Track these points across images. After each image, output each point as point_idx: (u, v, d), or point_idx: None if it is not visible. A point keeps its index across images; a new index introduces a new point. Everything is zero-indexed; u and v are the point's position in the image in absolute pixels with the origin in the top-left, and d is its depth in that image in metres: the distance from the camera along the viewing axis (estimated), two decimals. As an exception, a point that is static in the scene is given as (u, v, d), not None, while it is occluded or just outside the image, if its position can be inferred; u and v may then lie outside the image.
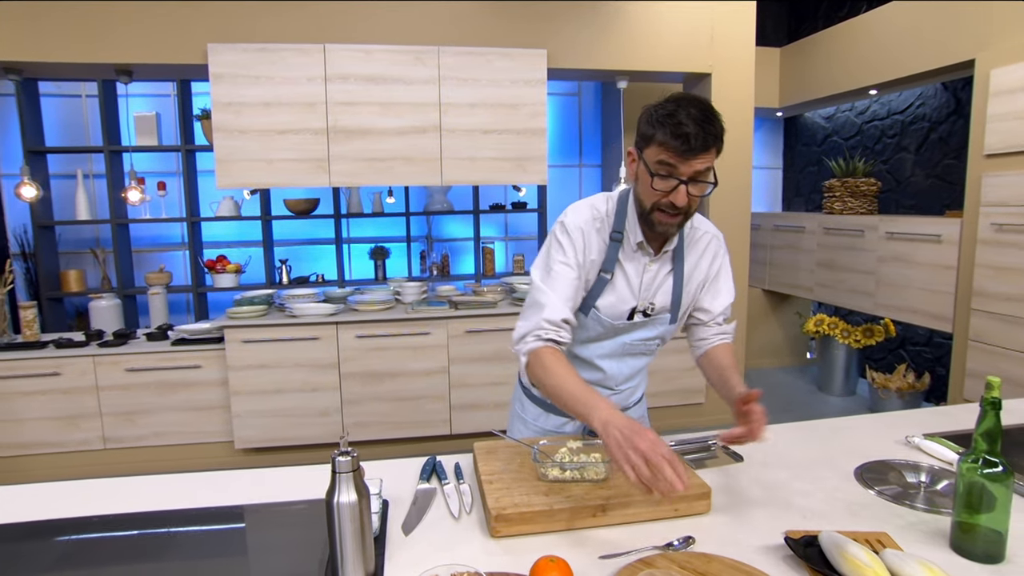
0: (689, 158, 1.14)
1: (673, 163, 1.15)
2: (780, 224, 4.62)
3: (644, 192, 1.23)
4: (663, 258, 1.35)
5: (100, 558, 1.10)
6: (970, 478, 0.99)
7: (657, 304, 1.37)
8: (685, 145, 1.12)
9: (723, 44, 3.56)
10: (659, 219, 1.22)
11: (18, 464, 3.18)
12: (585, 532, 1.10)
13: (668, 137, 1.13)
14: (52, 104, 4.26)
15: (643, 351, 1.44)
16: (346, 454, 0.98)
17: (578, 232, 1.31)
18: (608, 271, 1.32)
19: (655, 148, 1.17)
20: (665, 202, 1.19)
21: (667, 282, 1.37)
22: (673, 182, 1.16)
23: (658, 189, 1.18)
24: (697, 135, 1.12)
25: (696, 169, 1.16)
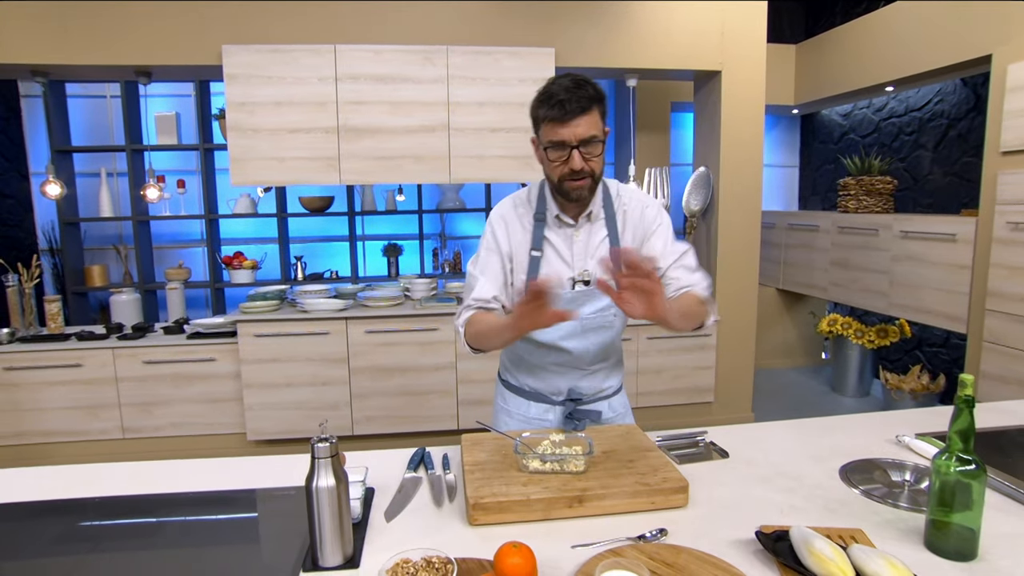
0: (568, 123, 1.25)
1: (560, 136, 1.27)
2: (794, 223, 4.57)
3: (549, 170, 1.35)
4: (589, 227, 1.44)
5: (95, 538, 1.16)
6: (944, 476, 1.00)
7: (593, 271, 1.44)
8: (561, 111, 1.24)
9: (733, 41, 3.53)
10: (570, 187, 1.33)
11: (41, 451, 3.30)
12: (562, 522, 1.13)
13: (547, 110, 1.27)
14: (79, 105, 4.41)
15: (601, 324, 1.46)
16: (325, 440, 1.02)
17: (500, 221, 1.46)
18: (537, 248, 1.43)
19: (543, 127, 1.30)
20: (566, 171, 1.30)
21: (602, 247, 1.44)
22: (565, 150, 1.28)
23: (555, 161, 1.30)
24: (569, 100, 1.24)
25: (579, 133, 1.26)
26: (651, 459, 1.27)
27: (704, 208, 3.80)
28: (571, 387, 1.51)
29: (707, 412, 3.83)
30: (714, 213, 3.74)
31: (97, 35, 3.13)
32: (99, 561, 1.08)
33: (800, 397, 4.40)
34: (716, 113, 3.63)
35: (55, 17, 3.10)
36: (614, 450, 1.33)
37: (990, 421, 1.63)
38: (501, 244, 1.45)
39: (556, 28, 3.41)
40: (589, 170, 1.31)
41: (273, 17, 3.21)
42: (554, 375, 1.50)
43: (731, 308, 3.76)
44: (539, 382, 1.53)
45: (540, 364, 1.51)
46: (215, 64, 3.18)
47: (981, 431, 1.54)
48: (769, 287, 4.98)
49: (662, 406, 3.76)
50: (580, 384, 1.51)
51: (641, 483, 1.17)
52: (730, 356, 3.78)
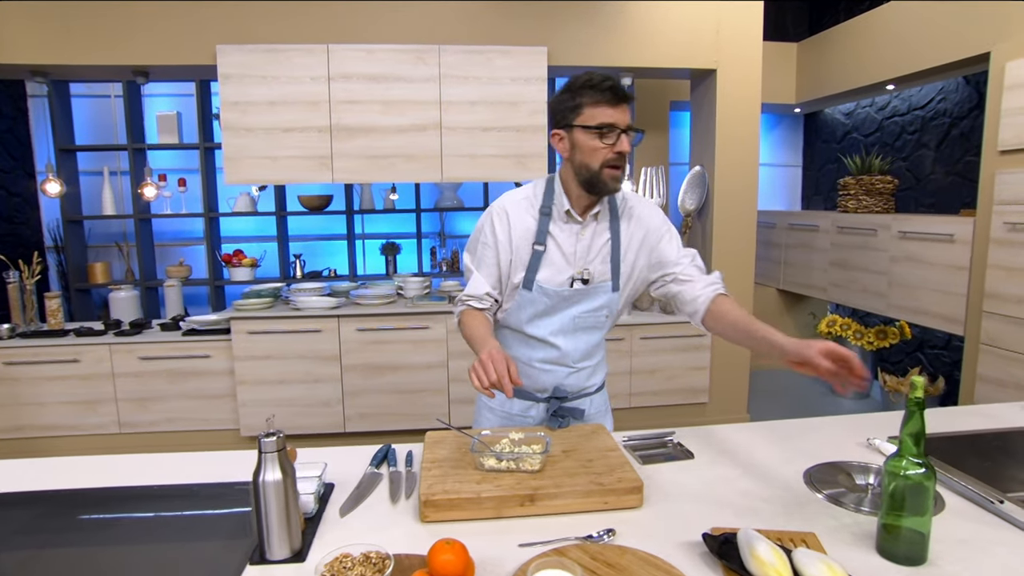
0: (619, 107, 1.31)
1: (611, 118, 1.30)
2: (794, 223, 4.53)
3: (590, 156, 1.34)
4: (595, 227, 1.45)
5: (55, 530, 1.18)
6: (895, 479, 0.99)
7: (594, 271, 1.45)
8: (614, 95, 1.30)
9: (729, 40, 3.50)
10: (608, 175, 1.35)
11: (39, 445, 3.35)
12: (513, 521, 1.13)
13: (599, 95, 1.30)
14: (83, 104, 4.47)
15: (592, 324, 1.49)
16: (271, 435, 1.03)
17: (501, 213, 1.46)
18: (541, 243, 1.43)
19: (590, 111, 1.31)
20: (611, 156, 1.32)
21: (604, 250, 1.46)
22: (615, 132, 1.31)
23: (606, 143, 1.31)
24: (620, 87, 1.32)
25: (627, 119, 1.32)
26: (610, 459, 1.27)
27: (699, 208, 3.78)
28: (557, 385, 1.51)
29: (701, 413, 3.81)
30: (709, 213, 3.71)
31: (96, 36, 3.17)
32: (55, 555, 1.09)
33: (798, 399, 4.36)
34: (711, 112, 3.60)
35: (55, 18, 3.15)
36: (575, 449, 1.32)
37: (972, 424, 1.60)
38: (499, 237, 1.45)
39: (549, 27, 3.40)
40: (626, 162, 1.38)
41: (267, 17, 3.24)
42: (540, 372, 1.50)
43: (726, 308, 3.73)
44: (524, 379, 1.51)
45: (527, 361, 1.50)
46: (210, 64, 3.21)
47: (959, 434, 1.53)
48: (769, 287, 4.93)
49: (656, 406, 3.75)
50: (566, 382, 1.51)
51: (595, 483, 1.16)
52: (725, 356, 3.75)
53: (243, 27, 3.22)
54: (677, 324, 3.67)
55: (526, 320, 1.48)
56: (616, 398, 3.69)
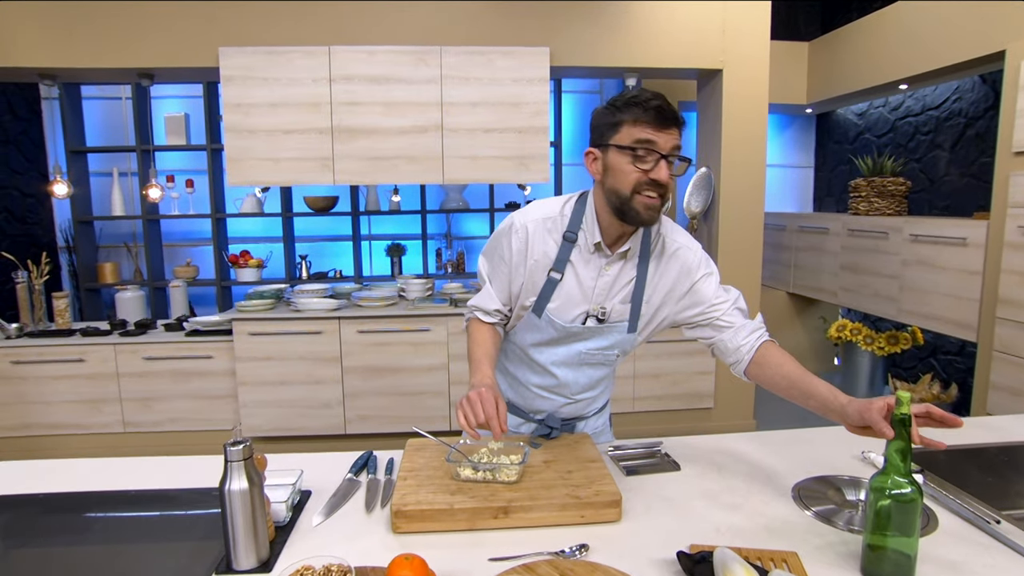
0: (666, 130, 1.15)
1: (652, 138, 1.15)
2: (804, 225, 4.44)
3: (621, 180, 1.19)
4: (622, 263, 1.31)
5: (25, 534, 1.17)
6: (880, 497, 0.95)
7: (610, 310, 1.33)
8: (661, 117, 1.14)
9: (735, 39, 3.44)
10: (642, 202, 1.19)
11: (46, 443, 3.39)
12: (486, 533, 1.10)
13: (642, 114, 1.15)
14: (95, 106, 4.53)
15: (600, 361, 1.39)
16: (237, 443, 1.01)
17: (523, 230, 1.32)
18: (559, 271, 1.30)
19: (628, 129, 1.17)
20: (647, 181, 1.17)
21: (627, 289, 1.32)
22: (654, 157, 1.16)
23: (640, 168, 1.17)
24: (668, 108, 1.15)
25: (672, 144, 1.17)
26: (591, 470, 1.24)
27: (705, 210, 3.72)
28: (552, 412, 1.44)
29: (706, 418, 3.75)
30: (715, 215, 3.66)
31: (101, 39, 3.20)
32: (28, 555, 1.09)
33: (808, 404, 4.27)
34: (718, 113, 3.54)
35: (62, 22, 3.18)
36: (556, 460, 1.29)
37: (975, 437, 1.54)
38: (515, 258, 1.33)
39: (551, 27, 3.37)
40: (666, 193, 1.19)
41: (269, 19, 3.24)
42: (536, 397, 1.43)
43: (732, 312, 3.67)
44: (521, 400, 1.47)
45: (524, 383, 1.43)
46: (213, 66, 3.23)
47: (962, 447, 1.47)
48: (779, 291, 4.85)
49: (659, 411, 3.70)
50: (562, 411, 1.44)
51: (571, 496, 1.13)
52: (731, 361, 3.69)
53: (245, 29, 3.23)
54: (682, 328, 3.62)
55: (530, 344, 1.38)
56: (619, 402, 3.64)
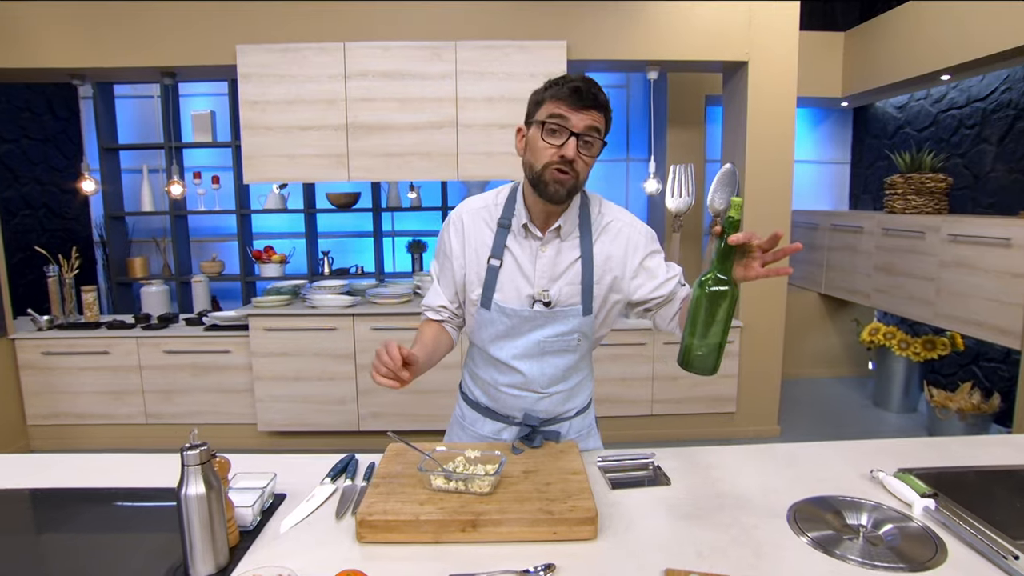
0: (579, 110, 1.18)
1: (566, 115, 1.18)
2: (837, 223, 4.25)
3: (535, 154, 1.23)
4: (558, 244, 1.32)
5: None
6: (698, 291, 1.02)
7: (557, 294, 1.32)
8: (576, 96, 1.17)
9: (762, 30, 3.30)
10: (551, 177, 1.21)
11: (73, 432, 3.50)
12: (453, 547, 1.06)
13: (559, 91, 1.19)
14: (128, 105, 4.65)
15: (562, 348, 1.34)
16: (195, 447, 0.99)
17: (457, 223, 1.37)
18: (497, 257, 1.32)
19: (547, 106, 1.21)
20: (556, 157, 1.20)
21: (572, 270, 1.32)
22: (564, 134, 1.19)
23: (549, 142, 1.20)
24: (586, 90, 1.18)
25: (586, 123, 1.19)
26: (570, 483, 1.18)
27: (729, 207, 3.59)
28: (527, 410, 1.39)
29: (728, 423, 3.63)
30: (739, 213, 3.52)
31: (125, 39, 3.27)
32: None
33: (837, 410, 4.10)
34: (742, 107, 3.41)
35: (89, 23, 3.26)
36: (536, 470, 1.24)
37: (1009, 458, 1.42)
38: (454, 249, 1.37)
39: (568, 20, 3.29)
40: (577, 168, 1.21)
41: (285, 17, 3.25)
42: (508, 396, 1.39)
43: (756, 312, 3.54)
44: (493, 402, 1.43)
45: (494, 384, 1.40)
46: (231, 64, 3.26)
47: (990, 469, 1.35)
48: (811, 291, 4.66)
49: (679, 415, 3.59)
50: (536, 407, 1.39)
51: (544, 511, 1.07)
52: (754, 364, 3.56)
53: (262, 27, 3.25)
54: (703, 329, 3.50)
55: (488, 340, 1.36)
56: (637, 404, 3.56)
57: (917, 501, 1.17)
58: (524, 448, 1.34)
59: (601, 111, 1.20)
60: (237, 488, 1.20)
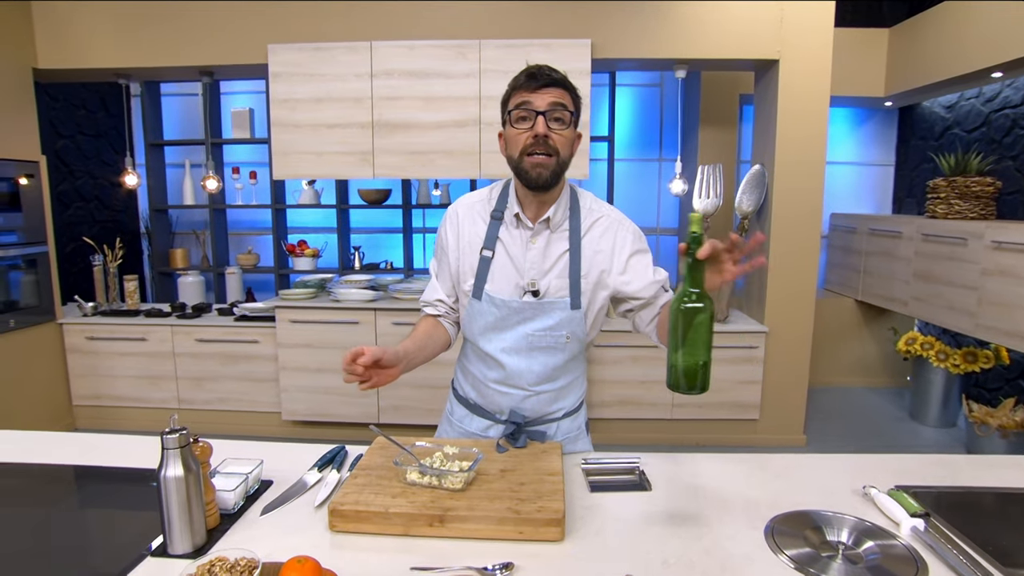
0: (538, 90, 1.24)
1: (527, 99, 1.25)
2: (875, 228, 4.08)
3: (512, 145, 1.28)
4: (548, 235, 1.35)
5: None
6: (675, 310, 1.00)
7: (547, 286, 1.34)
8: (532, 79, 1.25)
9: (795, 27, 3.20)
10: (529, 164, 1.25)
11: (112, 414, 3.69)
12: (420, 541, 1.07)
13: (517, 81, 1.27)
14: (173, 102, 4.85)
15: (550, 344, 1.36)
16: (174, 431, 1.03)
17: (453, 217, 1.42)
18: (490, 249, 1.36)
19: (512, 99, 1.28)
20: (530, 139, 1.24)
21: (561, 262, 1.34)
22: (531, 116, 1.24)
23: (520, 128, 1.26)
24: (541, 71, 1.26)
25: (549, 100, 1.24)
26: (545, 484, 1.18)
27: (757, 209, 3.50)
28: (513, 408, 1.40)
29: (751, 430, 3.54)
30: (768, 215, 3.43)
31: (165, 39, 3.42)
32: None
33: (870, 422, 3.94)
34: (773, 106, 3.31)
35: (132, 25, 3.43)
36: (514, 470, 1.24)
37: (1016, 481, 1.34)
38: (449, 244, 1.42)
39: (593, 18, 3.26)
40: (554, 145, 1.24)
41: (315, 17, 3.34)
42: (495, 393, 1.41)
43: (783, 318, 3.44)
44: (481, 398, 1.45)
45: (483, 379, 1.42)
46: (264, 63, 3.36)
47: (1008, 490, 1.28)
48: (847, 298, 4.50)
49: (699, 420, 3.53)
50: (522, 406, 1.40)
51: (511, 510, 1.08)
52: (780, 371, 3.46)
53: (293, 27, 3.35)
54: (727, 333, 3.43)
55: (478, 332, 1.39)
56: (657, 407, 3.51)
57: (905, 520, 1.12)
58: (509, 447, 1.35)
59: (560, 87, 1.25)
60: (224, 473, 1.24)
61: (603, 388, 3.50)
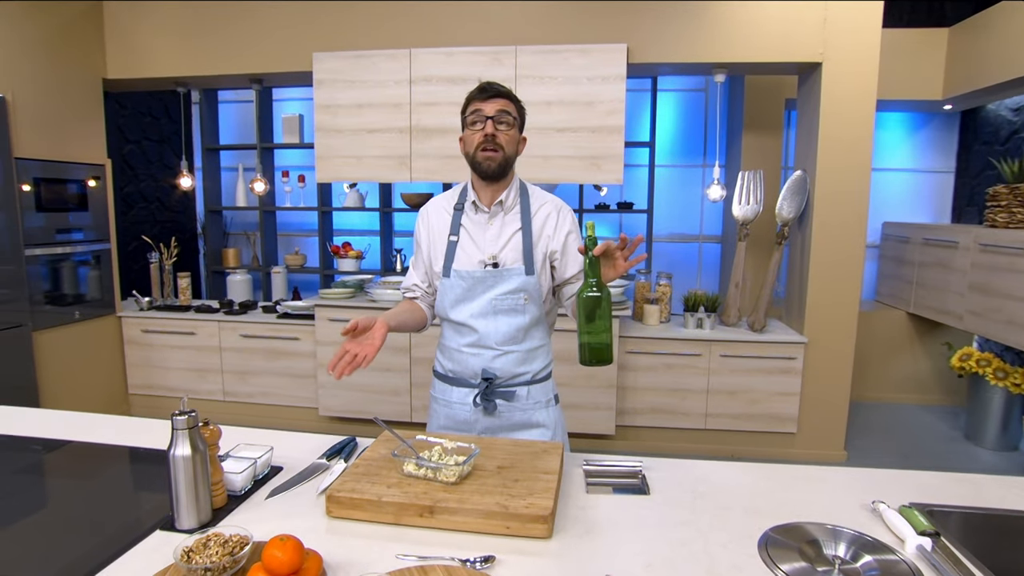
0: (487, 100, 1.50)
1: (479, 107, 1.50)
2: (930, 238, 3.88)
3: (468, 144, 1.54)
4: (502, 217, 1.58)
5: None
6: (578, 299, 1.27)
7: (504, 257, 1.57)
8: (482, 91, 1.51)
9: (839, 29, 3.09)
10: (482, 157, 1.51)
11: (163, 403, 3.90)
12: (410, 530, 1.11)
13: (472, 94, 1.53)
14: (231, 109, 5.11)
15: (511, 307, 1.56)
16: (183, 414, 1.10)
17: (424, 215, 1.68)
18: (455, 234, 1.61)
19: (468, 107, 1.53)
20: (481, 137, 1.49)
21: (515, 239, 1.58)
22: (481, 120, 1.50)
23: (474, 129, 1.51)
24: (491, 86, 1.52)
25: (496, 108, 1.49)
26: (539, 482, 1.19)
27: (798, 216, 3.39)
28: (484, 367, 1.58)
29: (788, 444, 3.42)
30: (809, 223, 3.32)
31: (219, 49, 3.61)
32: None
33: (920, 440, 3.74)
34: (815, 110, 3.21)
35: (189, 35, 3.64)
36: (511, 467, 1.26)
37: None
38: (422, 237, 1.66)
39: (630, 22, 3.25)
40: (500, 143, 1.50)
41: (358, 26, 3.46)
42: (468, 356, 1.59)
43: (824, 329, 3.31)
44: (457, 365, 1.61)
45: (456, 347, 1.61)
46: (309, 70, 3.50)
47: (1014, 514, 1.21)
48: (898, 310, 4.29)
49: (734, 431, 3.44)
50: (492, 365, 1.57)
51: (500, 505, 1.10)
52: (820, 384, 3.33)
53: (337, 35, 3.47)
54: (764, 343, 3.33)
55: (449, 306, 1.59)
56: (690, 417, 3.44)
57: (911, 538, 1.08)
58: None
59: (506, 98, 1.51)
60: (237, 457, 1.31)
61: (635, 395, 3.46)
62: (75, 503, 1.24)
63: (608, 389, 3.41)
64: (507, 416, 1.59)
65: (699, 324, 3.52)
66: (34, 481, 1.35)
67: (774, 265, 3.49)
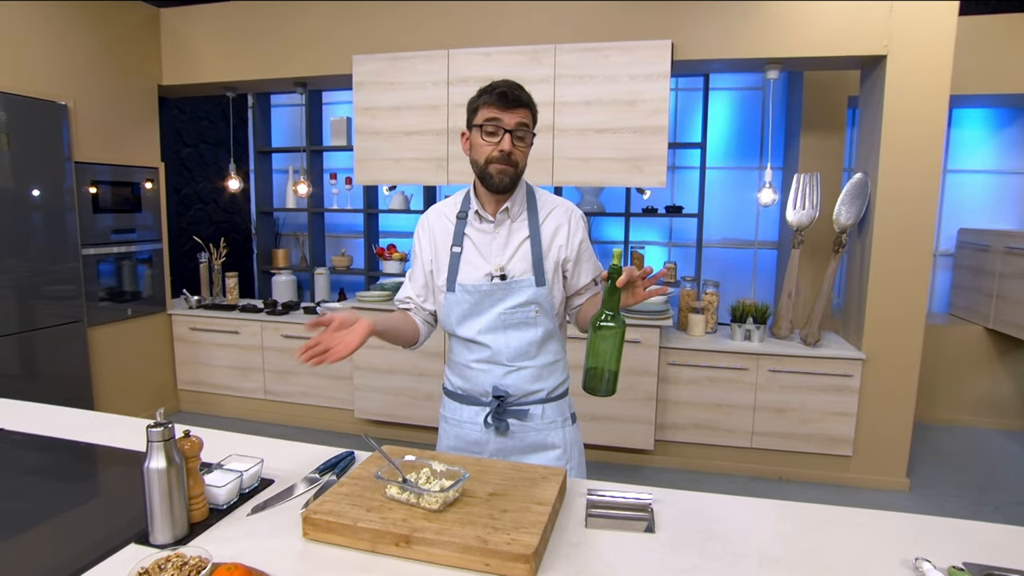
0: (508, 110, 1.38)
1: (498, 116, 1.38)
2: (1012, 246, 3.52)
3: (479, 152, 1.42)
4: (509, 225, 1.48)
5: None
6: (593, 328, 1.21)
7: (512, 268, 1.47)
8: (503, 99, 1.38)
9: (907, 17, 2.82)
10: (494, 170, 1.40)
11: (209, 399, 4.02)
12: (385, 560, 1.04)
13: (490, 98, 1.39)
14: (283, 112, 5.24)
15: (522, 320, 1.47)
16: (159, 425, 1.07)
17: (425, 224, 1.57)
18: (459, 245, 1.50)
19: (482, 112, 1.40)
20: (495, 153, 1.38)
21: (523, 248, 1.48)
22: (499, 132, 1.38)
23: (488, 141, 1.39)
24: (512, 93, 1.38)
25: (516, 120, 1.38)
26: (529, 514, 1.10)
27: (858, 222, 3.13)
28: (495, 384, 1.49)
29: (842, 467, 3.17)
30: (869, 229, 3.06)
31: (264, 54, 3.69)
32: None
33: (996, 469, 3.39)
34: (878, 108, 2.95)
35: (236, 41, 3.74)
36: (502, 495, 1.17)
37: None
38: (424, 248, 1.56)
39: (674, 18, 3.09)
40: (515, 159, 1.40)
41: (396, 27, 3.45)
42: (478, 372, 1.51)
43: (884, 344, 3.05)
44: (466, 382, 1.54)
45: (465, 363, 1.52)
46: (349, 73, 3.52)
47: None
48: (975, 325, 3.92)
49: (782, 451, 3.21)
50: (504, 381, 1.49)
51: (481, 539, 1.01)
52: (879, 403, 3.07)
53: (376, 37, 3.48)
54: (817, 359, 3.10)
55: (456, 322, 1.50)
56: (735, 435, 3.25)
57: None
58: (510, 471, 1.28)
59: (526, 108, 1.40)
60: (226, 468, 1.28)
61: (676, 409, 3.29)
62: (63, 508, 1.24)
63: (647, 402, 3.25)
64: (520, 437, 1.51)
65: (747, 336, 3.31)
66: (33, 482, 1.36)
67: (830, 275, 3.25)
